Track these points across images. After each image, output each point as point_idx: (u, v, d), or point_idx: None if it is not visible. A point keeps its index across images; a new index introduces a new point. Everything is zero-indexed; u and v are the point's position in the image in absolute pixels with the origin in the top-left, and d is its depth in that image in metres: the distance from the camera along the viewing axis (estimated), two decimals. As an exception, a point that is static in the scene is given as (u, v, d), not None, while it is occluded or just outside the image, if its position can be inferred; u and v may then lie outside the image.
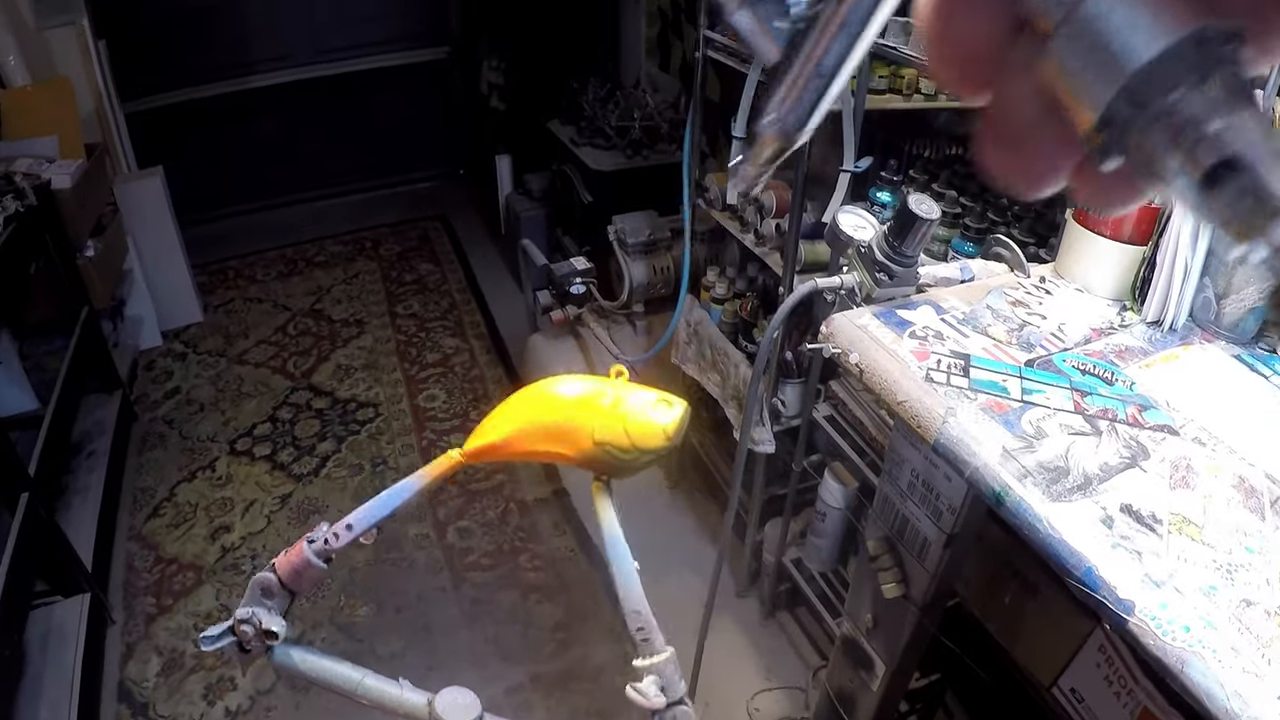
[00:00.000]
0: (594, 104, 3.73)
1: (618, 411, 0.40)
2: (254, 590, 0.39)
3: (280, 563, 0.40)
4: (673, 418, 0.40)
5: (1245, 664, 0.73)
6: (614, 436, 0.40)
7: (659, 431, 0.40)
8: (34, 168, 2.81)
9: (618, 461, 0.41)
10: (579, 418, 0.41)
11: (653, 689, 0.43)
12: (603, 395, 0.41)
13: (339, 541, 0.41)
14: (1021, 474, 0.91)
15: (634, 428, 0.40)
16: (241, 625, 0.39)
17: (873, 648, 1.43)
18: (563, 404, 0.41)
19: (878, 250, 1.20)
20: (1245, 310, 1.18)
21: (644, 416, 0.40)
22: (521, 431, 0.42)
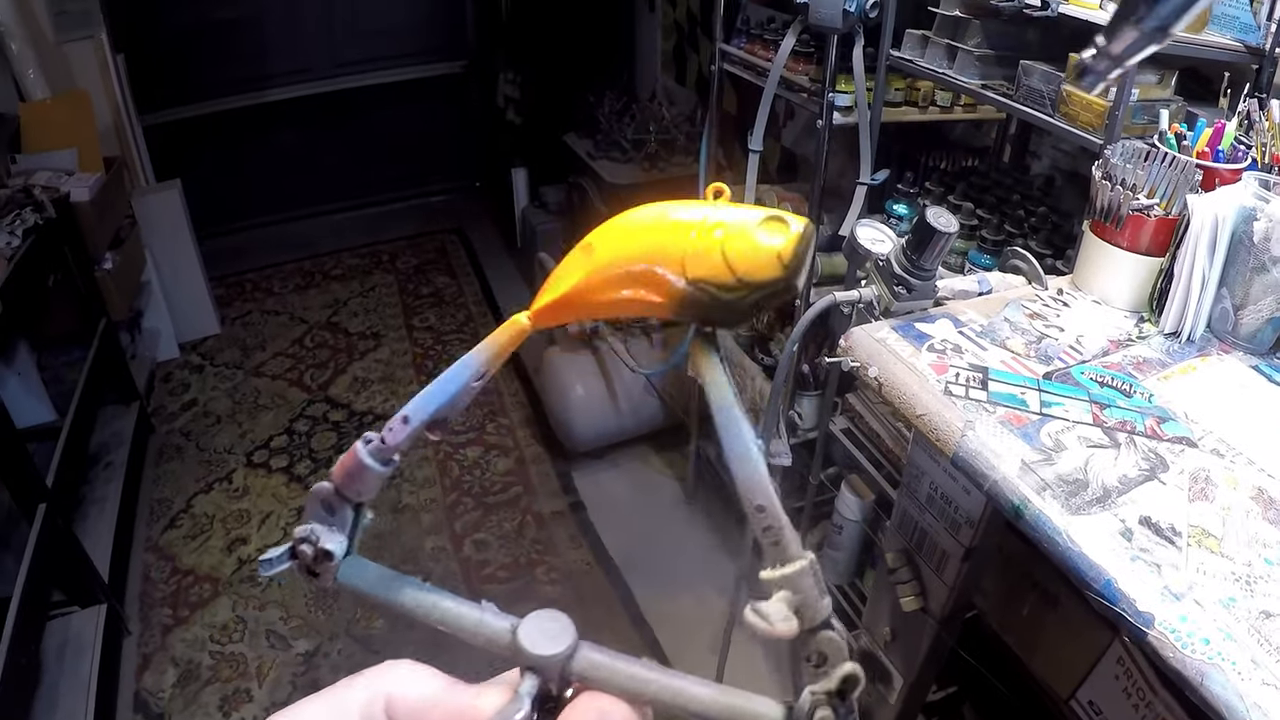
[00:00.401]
0: (610, 117, 3.74)
1: (714, 237, 0.31)
2: (313, 503, 0.36)
3: (336, 470, 0.36)
4: (788, 238, 0.31)
5: (1265, 676, 0.73)
6: (712, 269, 0.31)
7: (771, 256, 0.30)
8: (53, 181, 2.83)
9: (721, 303, 0.32)
10: (665, 249, 0.32)
11: (781, 610, 0.30)
12: (694, 218, 0.32)
13: (395, 437, 0.36)
14: (1040, 487, 0.91)
15: (737, 255, 0.31)
16: (301, 545, 0.35)
17: (890, 661, 1.43)
18: (643, 234, 0.33)
19: (895, 264, 1.20)
20: (1263, 321, 1.18)
21: (749, 239, 0.31)
22: (595, 277, 0.34)
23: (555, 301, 0.35)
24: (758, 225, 0.31)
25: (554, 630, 0.33)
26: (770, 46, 2.10)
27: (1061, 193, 2.05)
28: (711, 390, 0.33)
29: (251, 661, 2.51)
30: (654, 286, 0.32)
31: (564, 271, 0.35)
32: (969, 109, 2.05)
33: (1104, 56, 0.44)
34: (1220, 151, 1.28)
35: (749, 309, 0.32)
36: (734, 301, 0.31)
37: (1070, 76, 1.44)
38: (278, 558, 0.36)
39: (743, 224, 0.31)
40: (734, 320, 0.33)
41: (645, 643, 2.55)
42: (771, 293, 0.31)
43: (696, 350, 0.34)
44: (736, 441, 0.32)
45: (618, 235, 0.34)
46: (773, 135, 3.02)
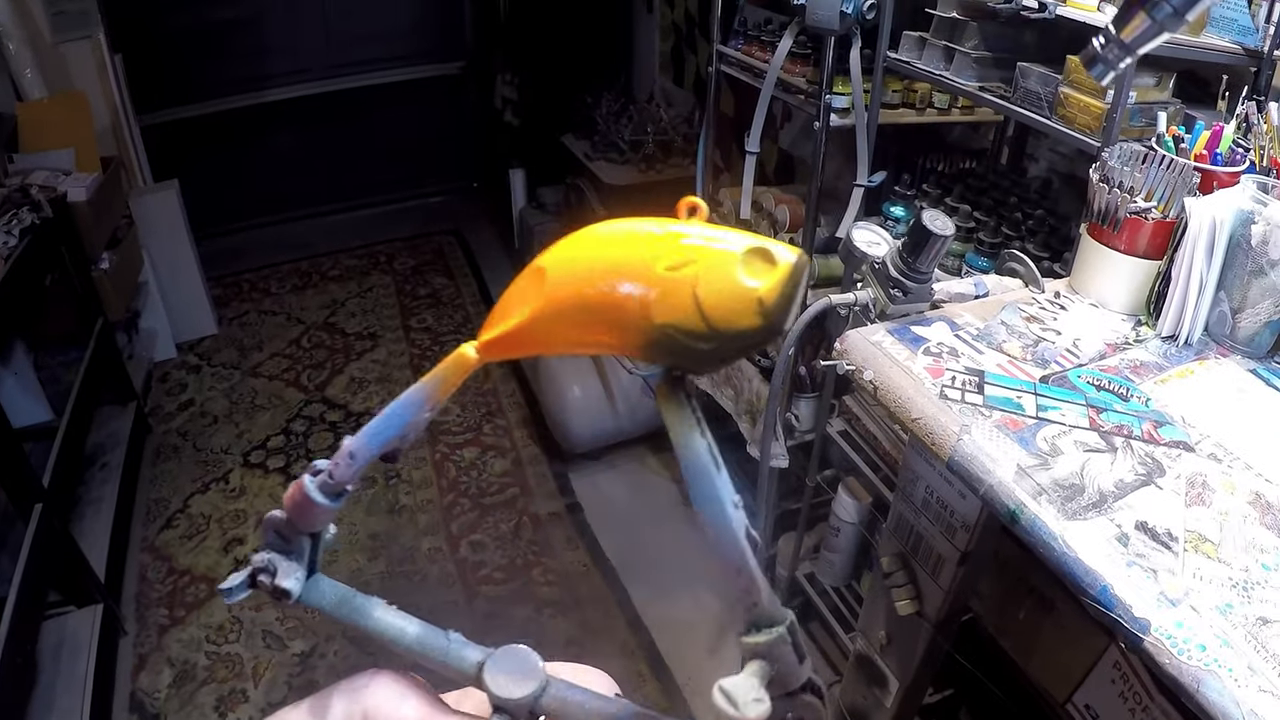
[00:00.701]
0: (607, 118, 3.74)
1: (685, 273, 0.26)
2: (267, 530, 0.34)
3: (286, 500, 0.34)
4: (772, 280, 0.25)
5: (1262, 683, 0.73)
6: (681, 314, 0.26)
7: (750, 302, 0.25)
8: (50, 180, 2.82)
9: (689, 352, 0.27)
10: (628, 285, 0.27)
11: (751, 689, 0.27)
12: (664, 247, 0.27)
13: (343, 473, 0.32)
14: (1036, 491, 0.90)
15: (711, 297, 0.26)
16: (260, 574, 0.34)
17: (886, 664, 1.42)
18: (602, 263, 0.28)
19: (892, 266, 1.20)
20: (1261, 324, 1.18)
21: (727, 278, 0.26)
22: (548, 310, 0.29)
23: (504, 336, 0.31)
24: (739, 260, 0.26)
25: (522, 669, 0.32)
26: (767, 48, 2.10)
27: (1059, 195, 2.05)
28: (680, 441, 0.29)
29: (247, 662, 2.50)
30: (614, 328, 0.28)
31: (514, 299, 0.31)
32: (966, 111, 2.05)
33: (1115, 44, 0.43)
34: (1218, 154, 1.27)
35: (725, 358, 0.27)
36: (703, 351, 0.27)
37: (1066, 75, 1.44)
38: (238, 586, 0.34)
39: (721, 258, 0.26)
40: (705, 369, 0.28)
41: (641, 645, 2.55)
42: (750, 343, 0.26)
43: (663, 397, 0.29)
44: (710, 500, 0.28)
45: (573, 262, 0.29)
46: (770, 137, 3.01)
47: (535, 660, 0.32)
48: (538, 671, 0.32)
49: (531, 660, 0.32)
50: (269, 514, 0.34)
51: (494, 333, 0.31)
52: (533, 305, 0.29)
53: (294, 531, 0.34)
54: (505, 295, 0.31)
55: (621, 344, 0.28)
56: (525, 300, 0.30)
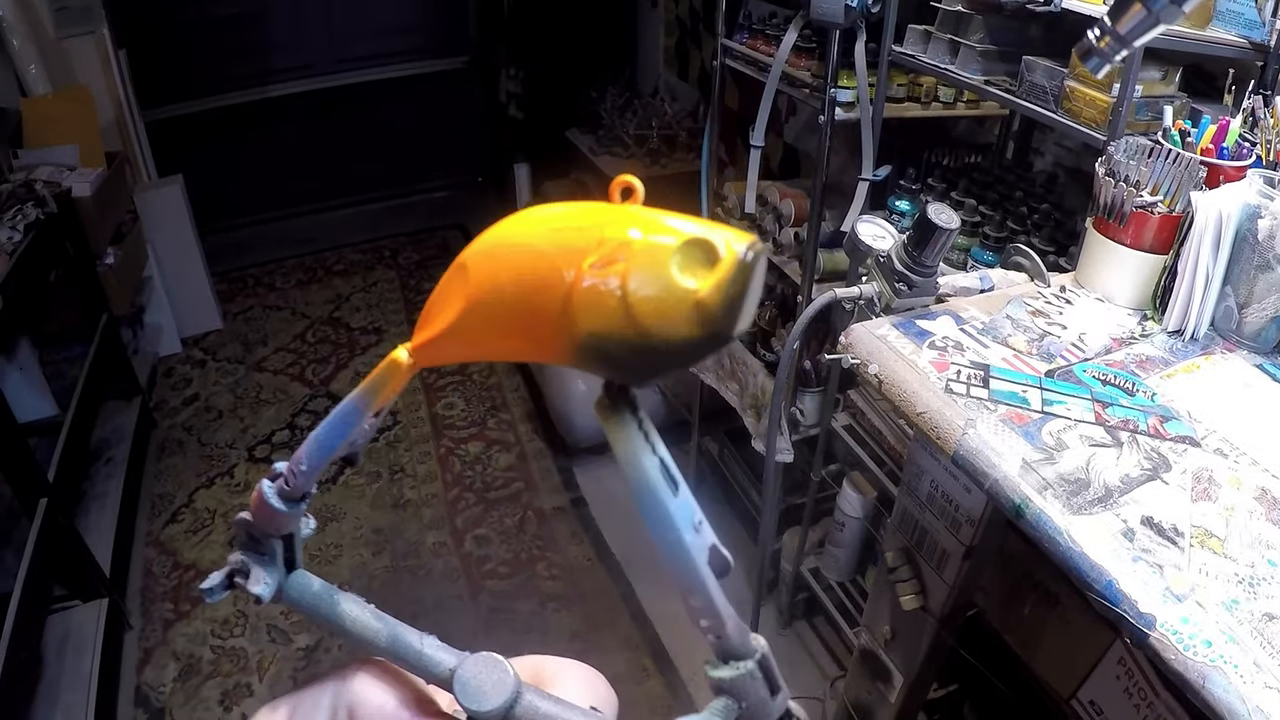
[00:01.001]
0: (612, 112, 3.74)
1: (613, 270, 0.22)
2: (239, 532, 0.34)
3: (251, 504, 0.33)
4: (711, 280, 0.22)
5: (1268, 679, 0.72)
6: (607, 320, 0.22)
7: (683, 304, 0.21)
8: (54, 176, 2.82)
9: (622, 362, 0.23)
10: (548, 285, 0.23)
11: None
12: (591, 239, 0.23)
13: (299, 483, 0.31)
14: (1042, 486, 0.90)
15: (642, 299, 0.22)
16: (236, 575, 0.34)
17: (891, 659, 1.42)
18: (526, 260, 0.24)
19: (897, 260, 1.19)
20: (1267, 319, 1.17)
21: (660, 276, 0.22)
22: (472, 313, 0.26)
23: (432, 340, 0.28)
24: (674, 254, 0.22)
25: (492, 679, 0.30)
26: (772, 42, 2.10)
27: (1064, 190, 2.04)
28: (625, 460, 0.25)
29: (252, 656, 2.51)
30: (536, 336, 0.24)
31: (439, 298, 0.28)
32: (972, 105, 2.04)
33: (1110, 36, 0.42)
34: (1224, 148, 1.27)
35: (660, 373, 0.23)
36: (640, 363, 0.23)
37: (1072, 69, 1.44)
38: (217, 586, 0.34)
39: (654, 252, 0.22)
40: (643, 382, 0.25)
41: (646, 639, 2.55)
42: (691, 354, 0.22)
43: (602, 411, 0.25)
44: (662, 525, 0.25)
45: (494, 258, 0.26)
46: (775, 131, 3.01)
47: (506, 669, 0.30)
48: (508, 682, 0.30)
49: (501, 669, 0.30)
50: (238, 516, 0.34)
51: (423, 336, 0.28)
52: (455, 307, 0.26)
53: (261, 534, 0.33)
54: (433, 293, 0.28)
55: (548, 353, 0.24)
56: (448, 301, 0.27)
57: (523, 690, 0.30)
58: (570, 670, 0.35)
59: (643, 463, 0.25)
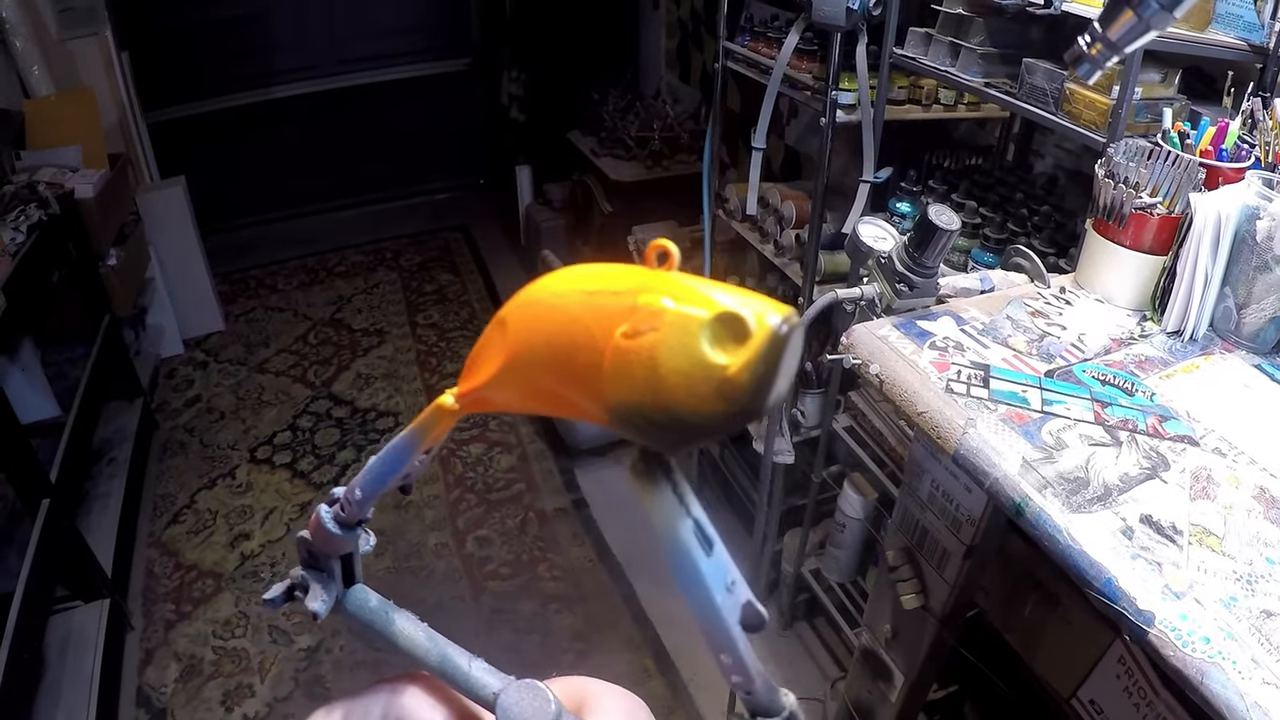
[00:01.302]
0: (614, 115, 3.74)
1: (644, 341, 0.22)
2: (300, 549, 0.35)
3: (309, 527, 0.34)
4: (741, 357, 0.21)
5: (1266, 675, 0.73)
6: (634, 391, 0.22)
7: (711, 381, 0.21)
8: (57, 177, 2.83)
9: (651, 430, 0.23)
10: (580, 353, 0.24)
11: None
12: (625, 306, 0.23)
13: (353, 511, 0.34)
14: (1041, 485, 0.91)
15: (671, 373, 0.21)
16: (296, 590, 0.35)
17: (891, 659, 1.43)
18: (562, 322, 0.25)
19: (898, 261, 1.20)
20: (1266, 320, 1.18)
21: (687, 351, 0.21)
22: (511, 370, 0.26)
23: (475, 390, 0.29)
24: (705, 328, 0.22)
25: (534, 707, 0.31)
26: (774, 44, 2.10)
27: (1065, 192, 2.05)
28: (658, 523, 0.25)
29: (254, 657, 2.51)
30: (573, 399, 0.25)
31: (482, 350, 0.28)
32: (972, 107, 2.05)
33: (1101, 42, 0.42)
34: (1224, 150, 1.27)
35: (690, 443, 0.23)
36: (669, 435, 0.23)
37: (1072, 71, 1.44)
38: (279, 597, 0.35)
39: (685, 325, 0.22)
40: (674, 451, 0.24)
41: (647, 640, 2.56)
42: (717, 429, 0.23)
43: (635, 474, 0.25)
44: (694, 589, 0.26)
45: (533, 317, 0.26)
46: (776, 133, 3.02)
47: (548, 698, 0.31)
48: (548, 711, 0.31)
49: (544, 698, 0.31)
50: (299, 534, 0.35)
51: (467, 385, 0.29)
52: (496, 361, 0.27)
53: (320, 554, 0.35)
54: (477, 343, 0.29)
55: (583, 413, 0.25)
56: (489, 354, 0.27)
57: (561, 711, 0.31)
58: (612, 697, 0.35)
59: (676, 527, 0.25)
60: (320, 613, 0.35)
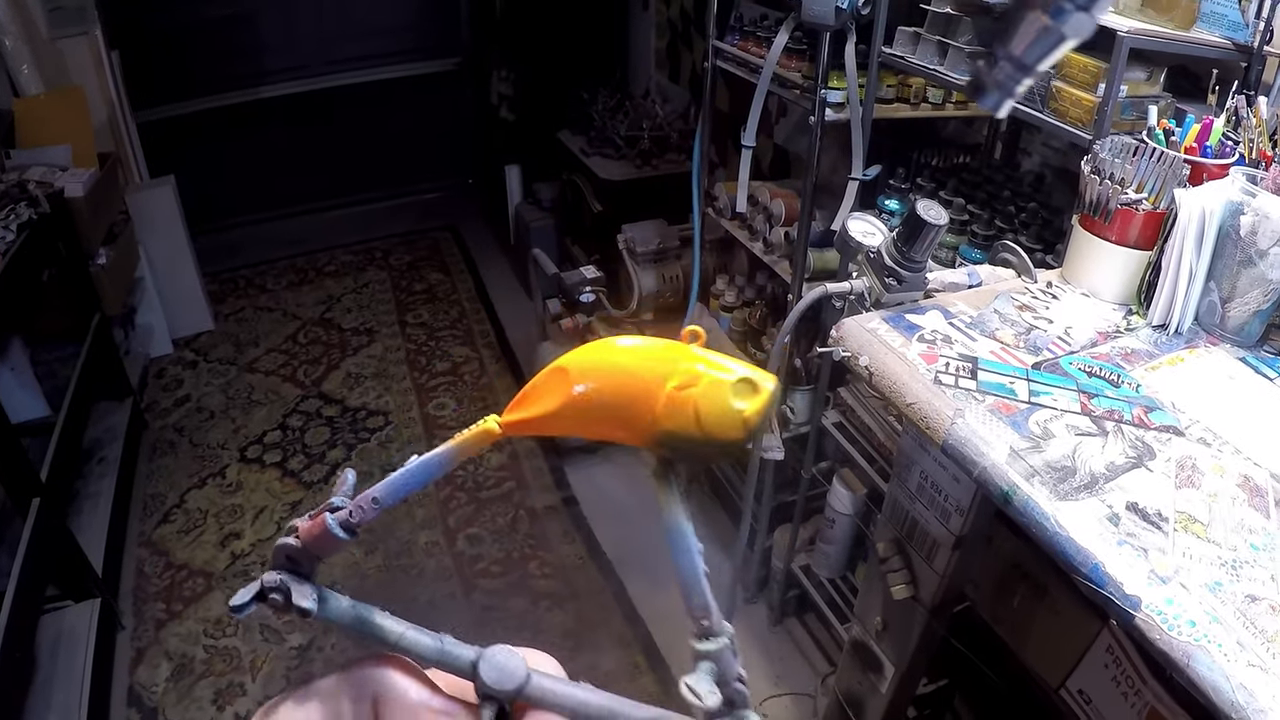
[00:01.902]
0: (603, 114, 3.75)
1: (689, 393, 0.33)
2: (278, 556, 0.37)
3: (303, 529, 0.37)
4: (756, 404, 0.33)
5: (1251, 658, 0.74)
6: (682, 424, 0.33)
7: (738, 421, 0.32)
8: (47, 176, 2.83)
9: (684, 451, 0.34)
10: (640, 397, 0.34)
11: (707, 685, 0.36)
12: (673, 369, 0.34)
13: (365, 515, 0.37)
14: (1029, 473, 0.92)
15: (708, 415, 0.33)
16: (271, 593, 0.37)
17: (882, 650, 1.44)
18: (621, 378, 0.35)
19: (887, 256, 1.21)
20: (1250, 314, 1.19)
21: (721, 402, 0.33)
22: (568, 408, 0.36)
23: (530, 420, 0.37)
24: (731, 388, 0.32)
25: (509, 664, 0.37)
26: (763, 43, 2.11)
27: (1051, 189, 2.07)
28: (665, 508, 0.36)
29: (245, 655, 2.51)
30: (627, 428, 0.34)
31: (540, 391, 0.36)
32: (960, 106, 2.06)
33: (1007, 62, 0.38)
34: (1208, 147, 1.29)
35: (712, 458, 0.34)
36: (697, 452, 0.34)
37: (1058, 70, 1.46)
38: (247, 602, 0.37)
39: (718, 385, 0.33)
40: (692, 463, 0.36)
41: (638, 637, 2.57)
42: (732, 450, 0.33)
43: (657, 476, 0.36)
44: (685, 557, 0.36)
45: (596, 372, 0.35)
46: (765, 132, 3.03)
47: (519, 657, 0.38)
48: (521, 667, 0.37)
49: (515, 658, 0.37)
50: (281, 542, 0.37)
51: (518, 416, 0.37)
52: (557, 400, 0.35)
53: (308, 558, 0.38)
54: (530, 385, 0.37)
55: (631, 439, 0.35)
56: (549, 394, 0.36)
57: (530, 673, 0.37)
58: (537, 655, 0.40)
59: (677, 511, 0.36)
60: (313, 610, 0.37)
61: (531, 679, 0.37)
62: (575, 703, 0.38)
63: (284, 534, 0.38)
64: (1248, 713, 0.71)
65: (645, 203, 3.33)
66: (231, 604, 0.37)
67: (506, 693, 0.37)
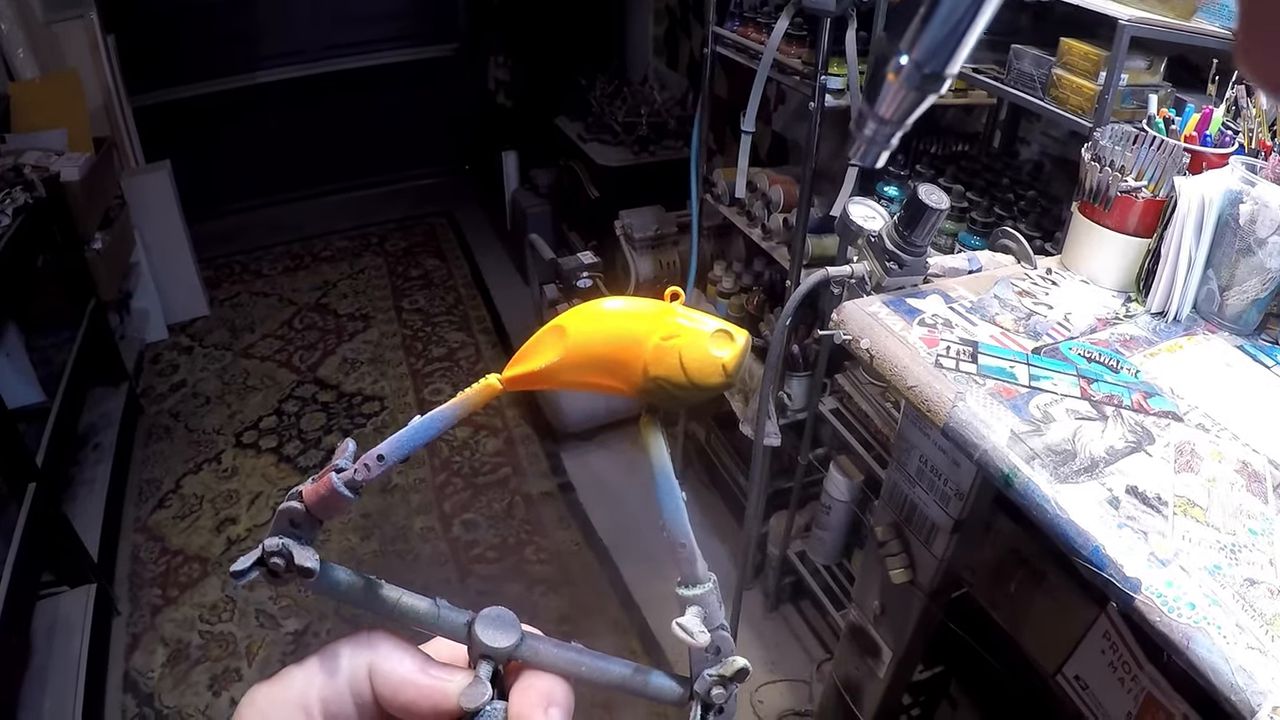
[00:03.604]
0: (601, 100, 3.74)
1: (673, 343, 0.37)
2: (281, 520, 0.37)
3: (307, 491, 0.36)
4: (733, 352, 0.37)
5: (1250, 640, 0.75)
6: (669, 371, 0.37)
7: (718, 367, 0.37)
8: (42, 160, 2.82)
9: (670, 397, 0.38)
10: (630, 348, 0.38)
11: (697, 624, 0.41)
12: (658, 323, 0.38)
13: (370, 473, 0.39)
14: (1030, 456, 0.92)
15: (691, 363, 0.37)
16: (272, 558, 0.37)
17: (880, 635, 1.44)
18: (613, 332, 0.39)
19: (887, 240, 1.21)
20: (1248, 302, 1.20)
21: (702, 351, 0.37)
22: (566, 361, 0.39)
23: (528, 374, 0.40)
24: (710, 338, 0.37)
25: (504, 624, 0.39)
26: (763, 30, 2.11)
27: (1050, 178, 2.07)
28: (654, 460, 0.40)
29: (241, 641, 2.52)
30: (617, 377, 0.38)
31: (537, 348, 0.40)
32: (960, 94, 2.06)
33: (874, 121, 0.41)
34: (1208, 136, 1.29)
35: (694, 403, 0.39)
36: (681, 397, 0.38)
37: (1060, 57, 1.46)
38: (248, 568, 0.37)
39: (698, 335, 0.37)
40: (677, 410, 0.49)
41: (634, 622, 2.57)
42: (714, 392, 0.38)
43: (644, 425, 0.40)
44: (669, 499, 0.40)
45: (590, 327, 0.39)
46: (763, 119, 3.03)
47: (512, 616, 0.39)
48: (516, 625, 0.39)
49: (509, 616, 0.39)
50: (286, 505, 0.38)
51: (517, 370, 0.40)
52: (554, 355, 0.39)
53: (311, 521, 0.38)
54: (529, 343, 0.40)
55: (622, 388, 0.39)
56: (547, 350, 0.39)
57: (525, 633, 0.39)
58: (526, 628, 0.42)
59: (664, 457, 0.40)
60: (315, 570, 0.38)
61: (525, 638, 0.39)
62: (567, 661, 0.40)
63: (287, 498, 0.38)
64: (1247, 694, 0.72)
65: (642, 189, 3.33)
66: (233, 570, 0.37)
67: (502, 650, 0.39)
